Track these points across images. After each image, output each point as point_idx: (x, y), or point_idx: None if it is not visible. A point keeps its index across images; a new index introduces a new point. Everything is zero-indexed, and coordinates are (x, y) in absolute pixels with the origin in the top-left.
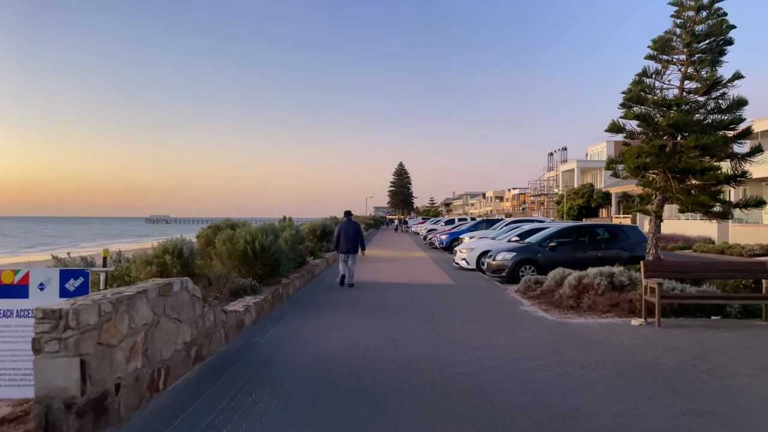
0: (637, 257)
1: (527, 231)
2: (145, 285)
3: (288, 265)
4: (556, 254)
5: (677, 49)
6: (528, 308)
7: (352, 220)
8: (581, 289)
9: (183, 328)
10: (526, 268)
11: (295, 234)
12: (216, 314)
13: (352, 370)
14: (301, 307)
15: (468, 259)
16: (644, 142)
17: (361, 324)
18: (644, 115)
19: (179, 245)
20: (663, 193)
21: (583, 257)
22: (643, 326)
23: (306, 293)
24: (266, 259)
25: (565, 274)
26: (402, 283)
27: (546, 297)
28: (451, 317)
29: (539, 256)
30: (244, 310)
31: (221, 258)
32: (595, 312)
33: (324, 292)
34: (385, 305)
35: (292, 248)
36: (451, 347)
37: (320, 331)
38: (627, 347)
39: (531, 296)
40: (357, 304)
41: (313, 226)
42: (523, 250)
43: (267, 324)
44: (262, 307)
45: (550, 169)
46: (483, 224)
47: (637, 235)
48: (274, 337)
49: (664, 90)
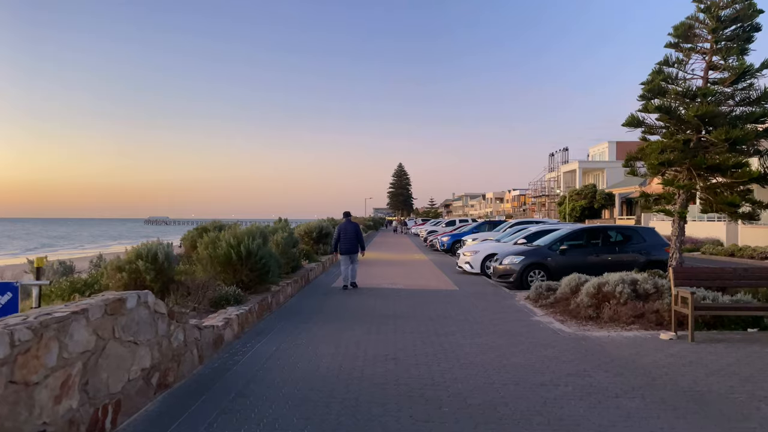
0: (655, 261)
1: (535, 233)
2: (86, 303)
3: (278, 271)
4: (567, 258)
5: (700, 37)
6: (542, 319)
7: (352, 220)
8: (601, 297)
9: (141, 352)
10: (535, 273)
11: (287, 236)
12: (187, 332)
13: (345, 402)
14: (292, 318)
15: (472, 263)
16: (665, 136)
17: (357, 338)
18: (667, 107)
19: (154, 250)
20: (687, 192)
21: (597, 261)
22: (674, 341)
23: (299, 301)
24: (253, 264)
25: (581, 280)
26: (402, 288)
27: (560, 306)
28: (458, 330)
29: (549, 260)
30: (223, 324)
31: (203, 264)
32: (617, 324)
33: (318, 299)
34: (384, 315)
35: (284, 252)
36: (461, 369)
37: (311, 348)
38: (663, 368)
39: (543, 305)
40: (353, 314)
41: (309, 227)
42: (532, 253)
43: (251, 339)
44: (246, 319)
45: (551, 170)
46: (486, 226)
47: (654, 238)
48: (258, 355)
49: (687, 80)
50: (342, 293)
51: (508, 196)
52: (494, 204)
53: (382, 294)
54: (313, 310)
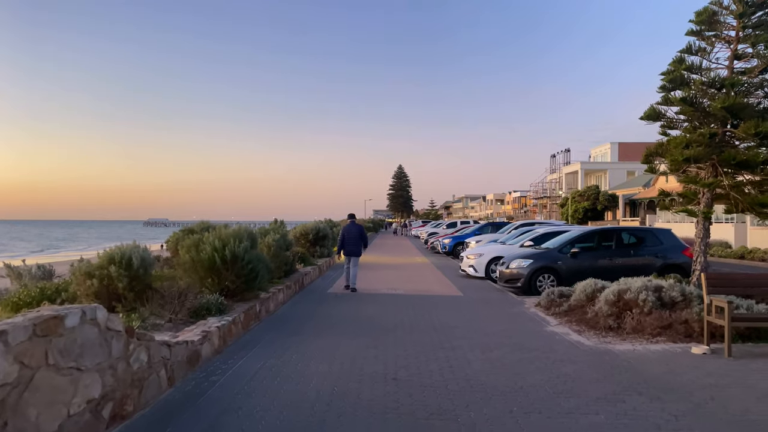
0: (672, 265)
1: (542, 235)
2: (7, 323)
3: (268, 276)
4: (578, 262)
5: (725, 24)
6: (556, 329)
7: (356, 222)
8: (622, 306)
9: (87, 379)
10: (544, 278)
11: (279, 239)
12: (152, 351)
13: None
14: (282, 328)
15: (476, 266)
16: (686, 131)
17: (353, 352)
18: (691, 99)
19: (128, 254)
20: (712, 190)
21: (610, 265)
22: (708, 356)
23: (291, 309)
24: (239, 269)
25: (597, 286)
26: (403, 294)
27: (576, 314)
28: (466, 342)
29: (559, 264)
30: (200, 339)
31: (185, 269)
32: (641, 335)
33: (312, 306)
34: (383, 325)
35: (276, 255)
36: (472, 392)
37: (300, 365)
38: (704, 390)
39: (556, 313)
40: (349, 323)
41: (305, 229)
42: (541, 256)
43: (234, 354)
44: (229, 331)
45: (553, 171)
46: (488, 227)
47: (671, 240)
48: (239, 374)
49: (711, 70)
50: (338, 299)
51: (509, 198)
52: (495, 206)
53: (381, 300)
54: (305, 319)
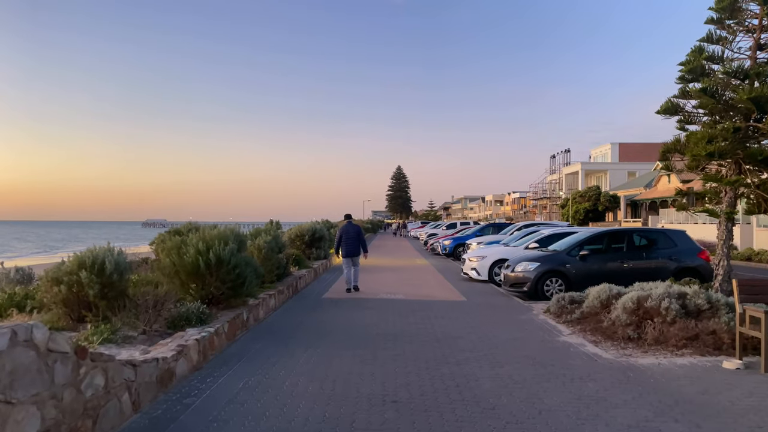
0: (688, 269)
1: (547, 237)
2: None
3: (256, 281)
4: (587, 265)
5: (747, 11)
6: (570, 339)
7: (353, 223)
8: (642, 314)
9: (19, 414)
10: (551, 282)
11: (271, 240)
12: (111, 373)
13: None
14: (271, 339)
15: (479, 269)
16: (705, 126)
17: (348, 368)
18: (713, 90)
19: (101, 257)
20: (734, 189)
21: (621, 269)
22: (742, 371)
23: (283, 316)
24: (225, 274)
25: (612, 292)
26: (403, 299)
27: (590, 323)
28: (472, 355)
29: (568, 267)
30: (175, 355)
31: (165, 273)
32: (665, 347)
33: (306, 312)
34: (381, 335)
35: (268, 258)
36: (483, 418)
37: (287, 383)
38: (749, 415)
39: (568, 321)
40: (345, 333)
41: (300, 230)
42: (548, 259)
43: (214, 370)
44: (210, 343)
45: (552, 171)
46: (490, 228)
47: (686, 242)
48: (217, 396)
49: (733, 60)
50: (333, 305)
51: (508, 199)
52: (494, 207)
53: (379, 306)
54: (298, 328)
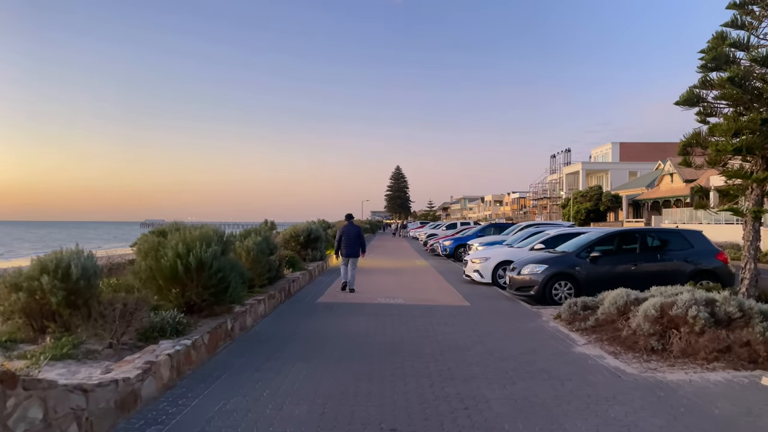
0: (705, 271)
1: (553, 238)
2: None
3: (242, 287)
4: (598, 267)
5: None
6: (587, 350)
7: (354, 223)
8: (666, 323)
9: None
10: (560, 285)
11: (261, 242)
12: (53, 402)
13: None
14: (257, 350)
15: (482, 271)
16: (727, 118)
17: (341, 387)
18: (740, 79)
19: (66, 261)
20: (762, 186)
21: (634, 272)
22: None
23: (272, 323)
24: (206, 279)
25: (630, 297)
26: (402, 304)
27: (606, 332)
28: (480, 371)
29: (578, 270)
30: (140, 374)
31: (141, 278)
32: (693, 360)
33: (298, 319)
34: (379, 346)
35: (257, 260)
36: None
37: (272, 406)
38: None
39: (582, 329)
40: (339, 344)
41: (296, 230)
42: (557, 261)
43: (190, 389)
44: (186, 357)
45: (553, 171)
46: (491, 229)
47: (702, 243)
48: (187, 423)
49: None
50: (328, 310)
51: (508, 199)
52: (493, 207)
53: (378, 311)
54: (287, 338)
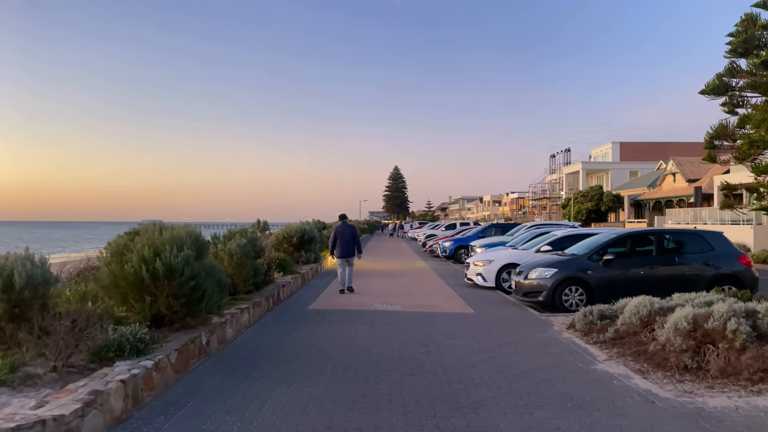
0: (727, 276)
1: (560, 239)
2: None
3: (220, 295)
4: (612, 271)
5: None
6: (610, 368)
7: (348, 223)
8: (700, 337)
9: None
10: (571, 291)
11: (246, 244)
12: None
13: None
14: (235, 369)
15: (485, 275)
16: (759, 109)
17: (327, 415)
18: None
19: (8, 269)
20: None
21: (651, 276)
22: None
23: (257, 335)
24: (177, 287)
25: (654, 307)
26: (401, 311)
27: (628, 345)
28: (490, 394)
29: (589, 274)
30: (79, 409)
31: (103, 286)
32: (735, 380)
33: (286, 330)
34: (374, 362)
35: (241, 265)
36: None
37: None
38: None
39: (600, 342)
40: (328, 360)
41: (288, 231)
42: (567, 265)
43: (146, 422)
44: (147, 382)
45: (552, 171)
46: (493, 229)
47: (723, 245)
48: None
49: None
50: (320, 318)
51: (506, 199)
52: (492, 207)
53: (374, 320)
54: (271, 353)
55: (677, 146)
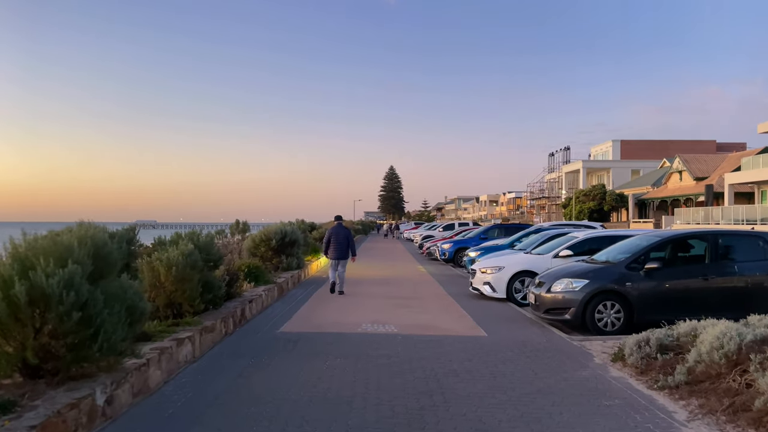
0: None
1: (583, 242)
2: None
3: (125, 331)
4: (657, 283)
5: None
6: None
7: (343, 225)
8: None
9: None
10: (606, 307)
11: (191, 252)
12: None
13: None
14: None
15: (494, 284)
16: None
17: None
18: None
19: None
20: None
21: (706, 289)
22: None
23: (196, 377)
24: (57, 321)
25: (744, 340)
26: (396, 334)
27: (712, 394)
28: None
29: (629, 287)
30: None
31: None
32: None
33: (240, 368)
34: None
35: (184, 279)
36: None
37: None
38: None
39: (668, 387)
40: (288, 424)
41: (266, 233)
42: (600, 274)
43: None
44: None
45: (551, 170)
46: (495, 230)
47: None
48: None
49: None
50: (289, 350)
51: (503, 199)
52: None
53: (360, 350)
54: (207, 413)
55: (679, 144)
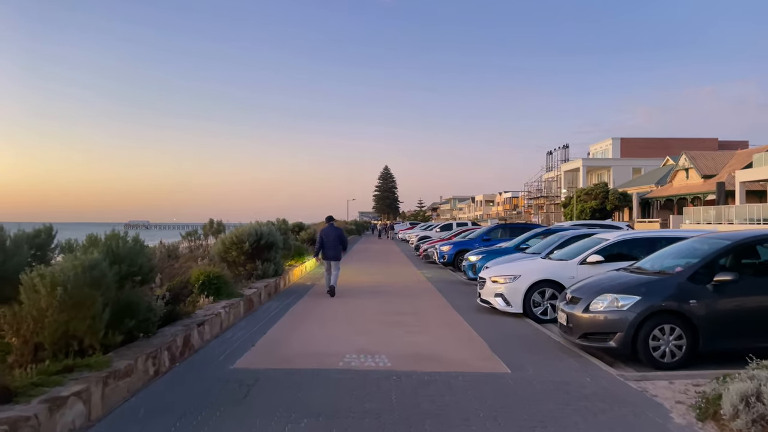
0: None
1: (615, 245)
2: None
3: None
4: (730, 300)
5: None
6: None
7: (335, 225)
8: None
9: None
10: (663, 332)
11: (97, 262)
12: None
13: None
14: None
15: (508, 296)
16: None
17: None
18: None
19: None
20: None
21: None
22: None
23: None
24: None
25: None
26: (389, 371)
27: None
28: None
29: (693, 305)
30: None
31: None
32: None
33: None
34: None
35: (79, 304)
36: None
37: None
38: None
39: None
40: None
41: (238, 235)
42: (654, 288)
43: None
44: None
45: (549, 169)
46: (499, 230)
47: None
48: None
49: None
50: (238, 401)
51: (499, 199)
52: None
53: (339, 403)
54: None
55: (680, 142)
